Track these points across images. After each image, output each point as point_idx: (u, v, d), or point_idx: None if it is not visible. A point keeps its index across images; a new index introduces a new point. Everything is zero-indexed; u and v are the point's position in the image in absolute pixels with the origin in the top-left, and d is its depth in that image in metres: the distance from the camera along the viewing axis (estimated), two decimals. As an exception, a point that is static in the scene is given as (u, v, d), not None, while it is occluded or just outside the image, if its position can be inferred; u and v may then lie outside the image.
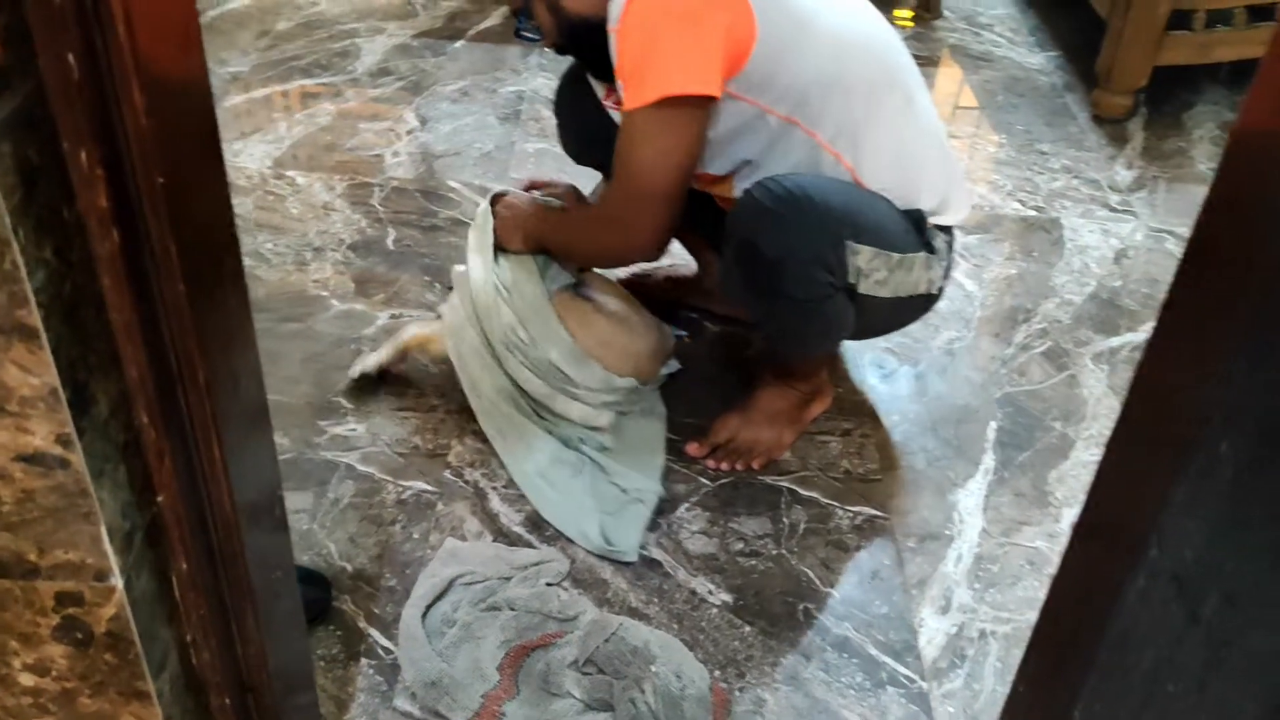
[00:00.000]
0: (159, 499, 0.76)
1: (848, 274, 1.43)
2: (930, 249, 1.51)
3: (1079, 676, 0.80)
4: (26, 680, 0.77)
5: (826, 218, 1.40)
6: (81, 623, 0.73)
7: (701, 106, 1.37)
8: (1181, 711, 0.66)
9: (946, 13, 3.10)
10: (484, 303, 1.62)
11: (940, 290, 1.56)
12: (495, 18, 2.93)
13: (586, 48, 1.51)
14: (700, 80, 1.35)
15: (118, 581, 0.71)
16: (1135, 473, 0.73)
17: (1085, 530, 0.82)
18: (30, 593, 0.72)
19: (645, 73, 1.35)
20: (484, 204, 1.71)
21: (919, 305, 1.56)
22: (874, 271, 1.44)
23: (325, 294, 1.91)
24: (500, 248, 1.65)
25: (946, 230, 1.56)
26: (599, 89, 1.66)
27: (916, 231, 1.49)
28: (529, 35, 1.56)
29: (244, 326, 0.82)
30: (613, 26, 1.41)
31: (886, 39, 1.52)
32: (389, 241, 2.05)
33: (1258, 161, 0.59)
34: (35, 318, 0.59)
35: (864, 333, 1.62)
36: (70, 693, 0.78)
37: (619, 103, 1.44)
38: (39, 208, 0.59)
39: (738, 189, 1.52)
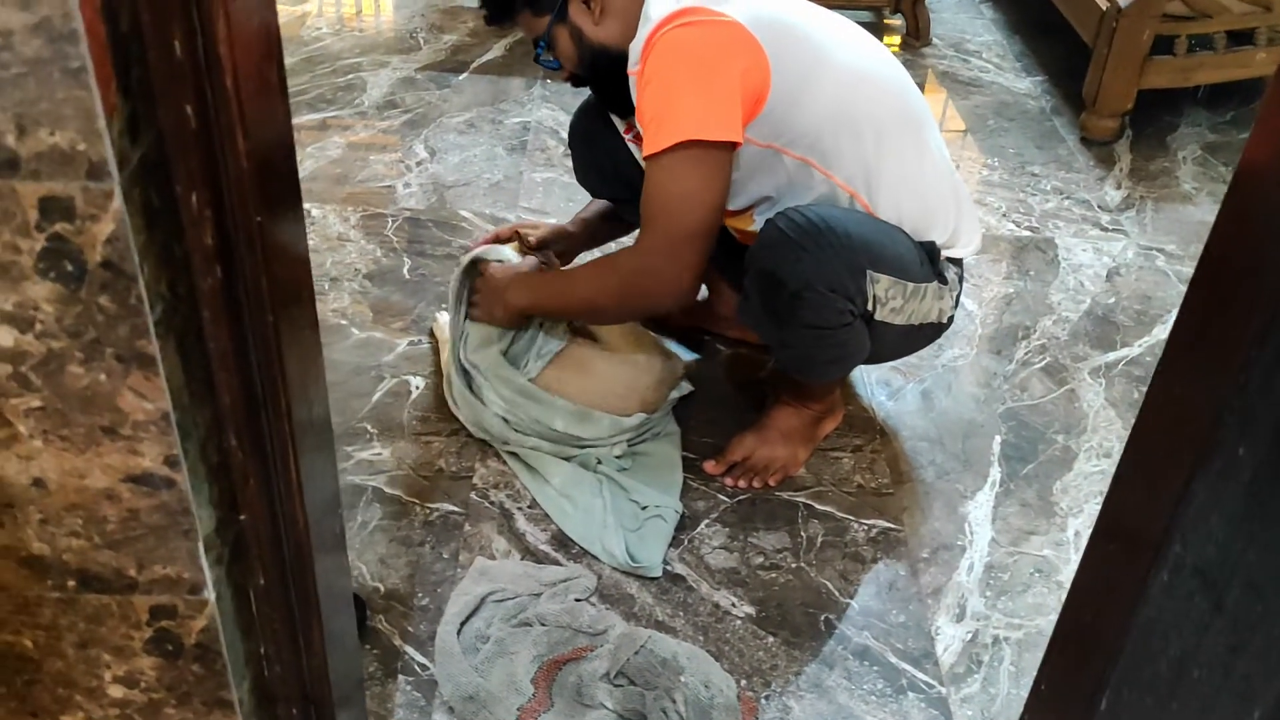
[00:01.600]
0: (242, 517, 0.81)
1: (867, 302, 1.47)
2: (942, 279, 1.56)
3: (1104, 668, 0.85)
4: (116, 692, 0.81)
5: (847, 248, 1.43)
6: (173, 635, 0.78)
7: (723, 150, 1.40)
8: (1208, 694, 0.71)
9: (935, 39, 3.18)
10: (470, 406, 1.70)
11: (950, 319, 1.61)
12: (497, 50, 2.99)
13: (606, 79, 1.55)
14: (719, 126, 1.38)
15: (210, 594, 0.76)
16: (1154, 474, 0.78)
17: (1106, 530, 0.87)
18: (126, 607, 0.76)
19: (664, 120, 1.38)
20: (455, 278, 1.72)
21: (930, 333, 1.61)
22: (891, 300, 1.49)
23: (344, 323, 1.96)
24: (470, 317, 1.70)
25: (957, 262, 1.61)
26: (619, 123, 1.69)
27: (930, 262, 1.55)
28: (548, 63, 1.59)
29: (316, 354, 0.87)
30: (632, 69, 1.45)
31: (896, 75, 1.57)
32: (404, 270, 2.10)
33: (1265, 183, 0.65)
34: (154, 347, 0.64)
35: (877, 358, 1.66)
36: (156, 704, 0.82)
37: (639, 137, 1.48)
38: (157, 246, 0.64)
39: (756, 222, 1.57)
